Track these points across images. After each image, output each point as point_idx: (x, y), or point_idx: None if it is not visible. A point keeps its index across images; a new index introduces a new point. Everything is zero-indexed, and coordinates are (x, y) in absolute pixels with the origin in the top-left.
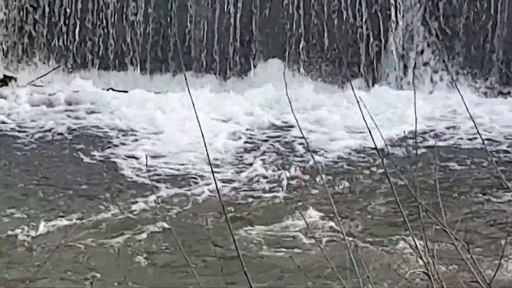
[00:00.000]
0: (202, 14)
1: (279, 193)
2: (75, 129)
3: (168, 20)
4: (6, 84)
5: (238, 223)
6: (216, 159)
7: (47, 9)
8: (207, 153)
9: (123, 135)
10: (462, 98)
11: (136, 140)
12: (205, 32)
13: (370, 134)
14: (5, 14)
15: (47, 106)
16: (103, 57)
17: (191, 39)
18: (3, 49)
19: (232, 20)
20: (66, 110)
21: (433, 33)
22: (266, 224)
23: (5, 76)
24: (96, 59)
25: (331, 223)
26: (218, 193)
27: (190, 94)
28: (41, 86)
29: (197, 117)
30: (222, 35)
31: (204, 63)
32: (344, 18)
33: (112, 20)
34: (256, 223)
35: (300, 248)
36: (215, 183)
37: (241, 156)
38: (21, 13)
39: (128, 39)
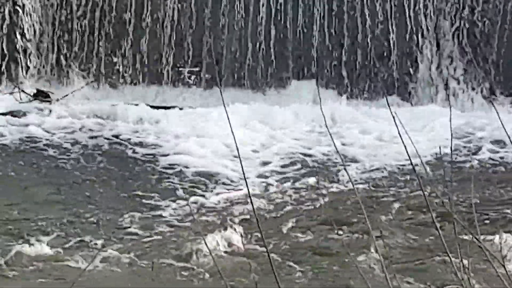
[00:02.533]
0: (236, 31)
1: (315, 207)
2: (106, 143)
3: (202, 35)
4: (40, 99)
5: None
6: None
7: (80, 25)
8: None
9: (156, 149)
10: (498, 115)
11: (171, 153)
12: (238, 48)
13: (406, 150)
14: (39, 29)
15: (80, 120)
16: (136, 72)
17: (223, 55)
18: (37, 64)
19: (266, 37)
20: (99, 125)
21: (466, 51)
22: (299, 241)
23: (38, 90)
24: (129, 74)
25: (365, 238)
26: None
27: (225, 108)
28: (75, 100)
29: (232, 131)
30: (256, 52)
31: (238, 78)
32: (377, 35)
33: (146, 35)
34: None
35: (338, 264)
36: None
37: (274, 171)
38: (55, 29)
39: (162, 55)
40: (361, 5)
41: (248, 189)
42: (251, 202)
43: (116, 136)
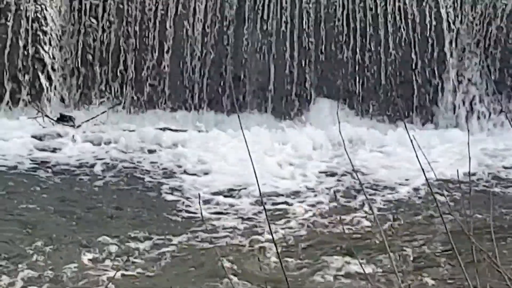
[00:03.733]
0: (257, 54)
1: (334, 232)
2: (128, 167)
3: (223, 59)
4: (64, 123)
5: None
6: (269, 196)
7: (103, 50)
8: (260, 192)
9: (178, 174)
10: None
11: (191, 178)
12: (260, 71)
13: (424, 174)
14: (62, 55)
15: (102, 144)
16: (159, 96)
17: (245, 78)
18: (60, 89)
19: (288, 59)
20: (122, 149)
21: (488, 75)
22: (316, 263)
23: (61, 115)
24: (152, 99)
25: (384, 260)
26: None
27: (243, 133)
28: (97, 125)
29: (250, 156)
30: (278, 73)
31: (259, 102)
32: (399, 57)
33: (169, 61)
34: (310, 266)
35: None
36: (269, 226)
37: (294, 194)
38: (77, 54)
39: (184, 79)
40: (385, 29)
41: (266, 214)
42: (270, 229)
43: (138, 161)
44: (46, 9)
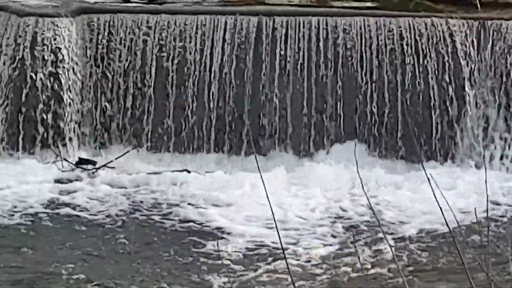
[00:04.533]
0: (276, 94)
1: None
2: (148, 210)
3: (243, 102)
4: (83, 167)
5: None
6: (287, 238)
7: (121, 93)
8: (279, 235)
9: (198, 216)
10: None
11: (212, 221)
12: (278, 112)
13: (442, 213)
14: (80, 98)
15: (122, 188)
16: (177, 139)
17: (265, 119)
18: (79, 132)
19: (305, 99)
20: (142, 192)
21: (507, 114)
22: None
23: (80, 158)
24: (170, 141)
25: None
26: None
27: (261, 174)
28: (116, 168)
29: (268, 198)
30: (296, 114)
31: (278, 142)
32: (417, 99)
33: (188, 103)
34: None
35: None
36: (287, 266)
37: (312, 234)
38: (96, 98)
39: (203, 121)
40: (402, 68)
41: (285, 259)
42: (290, 273)
43: (160, 204)
44: (63, 48)
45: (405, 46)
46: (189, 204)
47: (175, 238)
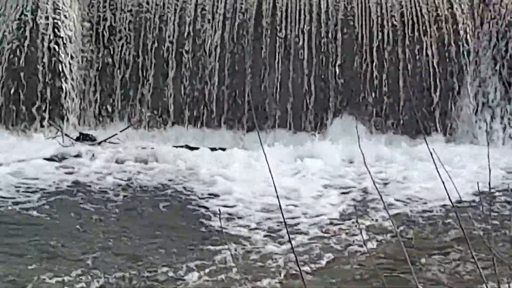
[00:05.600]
0: (275, 71)
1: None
2: (147, 186)
3: (243, 76)
4: (84, 142)
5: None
6: (289, 213)
7: (123, 67)
8: (281, 210)
9: (196, 191)
10: None
11: (211, 196)
12: (279, 88)
13: (444, 186)
14: (81, 73)
15: (121, 163)
16: (177, 114)
17: (265, 94)
18: (79, 107)
19: (306, 76)
20: (140, 168)
21: (508, 88)
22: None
23: (81, 133)
24: (170, 117)
25: (403, 271)
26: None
27: (264, 151)
28: (117, 143)
29: (271, 174)
30: (296, 90)
31: (278, 118)
32: (418, 75)
33: (187, 78)
34: (330, 279)
35: None
36: (291, 244)
37: (314, 210)
38: (97, 71)
39: (204, 96)
40: (402, 45)
41: (289, 236)
42: (294, 251)
43: (161, 181)
44: (64, 26)
45: (405, 21)
46: (191, 180)
47: (177, 215)
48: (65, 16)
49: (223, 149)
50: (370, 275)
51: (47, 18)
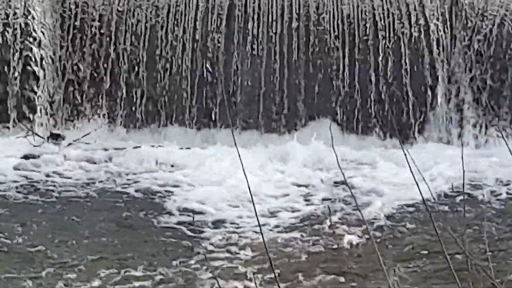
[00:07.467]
0: (249, 69)
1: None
2: (119, 185)
3: (214, 75)
4: (54, 141)
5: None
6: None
7: (92, 66)
8: (255, 210)
9: (167, 191)
10: (511, 152)
11: (183, 196)
12: (250, 88)
13: (418, 187)
14: (51, 71)
15: (93, 163)
16: (148, 113)
17: (236, 95)
18: (50, 106)
19: (277, 77)
20: (112, 167)
21: (480, 89)
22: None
23: (51, 133)
24: (143, 116)
25: (377, 275)
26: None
27: (237, 149)
28: (88, 143)
29: (244, 173)
30: (268, 91)
31: (249, 119)
32: (389, 71)
33: (160, 77)
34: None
35: None
36: (263, 241)
37: (286, 209)
38: (67, 70)
39: (175, 96)
40: (374, 47)
41: (262, 236)
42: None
43: (133, 180)
44: (35, 23)
45: (378, 22)
46: (163, 176)
47: (148, 214)
48: (36, 16)
49: (198, 148)
50: (341, 274)
51: (17, 18)
